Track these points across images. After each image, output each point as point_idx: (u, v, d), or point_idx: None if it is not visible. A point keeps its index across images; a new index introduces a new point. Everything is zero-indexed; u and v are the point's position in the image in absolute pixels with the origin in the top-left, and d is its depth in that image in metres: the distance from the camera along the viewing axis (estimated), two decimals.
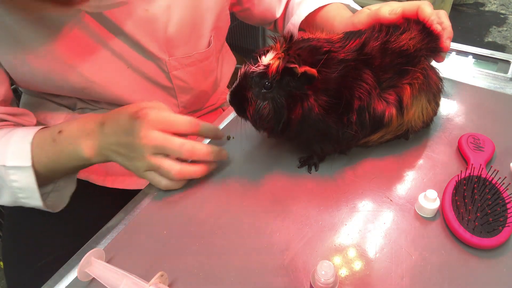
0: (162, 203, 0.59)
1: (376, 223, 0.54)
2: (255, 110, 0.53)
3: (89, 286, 0.49)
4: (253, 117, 0.54)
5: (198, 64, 0.78)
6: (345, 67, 0.53)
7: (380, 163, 0.63)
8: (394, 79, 0.56)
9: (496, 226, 0.49)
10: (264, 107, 0.53)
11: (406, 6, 0.62)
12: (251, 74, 0.52)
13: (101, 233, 0.56)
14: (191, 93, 0.80)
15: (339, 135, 0.56)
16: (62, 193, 0.67)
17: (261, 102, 0.53)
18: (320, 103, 0.52)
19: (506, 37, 2.84)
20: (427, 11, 0.60)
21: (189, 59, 0.75)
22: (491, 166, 0.60)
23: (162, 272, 0.46)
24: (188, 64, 0.76)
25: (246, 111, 0.54)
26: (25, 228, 0.75)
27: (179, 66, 0.75)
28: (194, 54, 0.75)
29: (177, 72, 0.75)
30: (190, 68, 0.77)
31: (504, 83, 0.79)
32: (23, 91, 0.80)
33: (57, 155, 0.59)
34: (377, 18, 0.64)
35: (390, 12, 0.62)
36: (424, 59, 0.59)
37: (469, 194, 0.53)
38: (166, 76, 0.74)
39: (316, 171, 0.62)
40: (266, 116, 0.53)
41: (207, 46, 0.77)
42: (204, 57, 0.78)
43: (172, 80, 0.75)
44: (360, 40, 0.55)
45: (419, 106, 0.59)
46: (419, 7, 0.60)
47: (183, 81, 0.77)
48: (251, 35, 2.25)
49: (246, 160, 0.66)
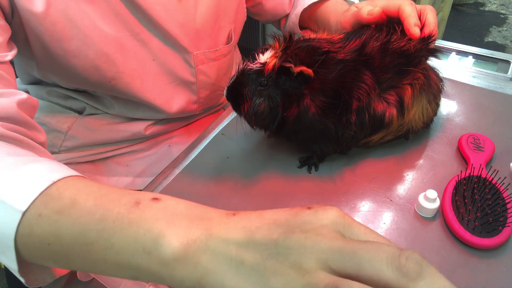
0: None
1: (376, 223, 0.54)
2: (250, 106, 0.53)
3: (89, 286, 0.49)
4: (248, 114, 0.54)
5: (222, 58, 0.78)
6: (343, 68, 0.53)
7: (380, 163, 0.63)
8: (395, 79, 0.56)
9: (496, 226, 0.49)
10: (259, 104, 0.53)
11: (387, 6, 0.61)
12: (248, 71, 0.53)
13: None
14: (211, 88, 0.80)
15: (338, 135, 0.56)
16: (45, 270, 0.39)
17: (257, 99, 0.53)
18: (317, 103, 0.53)
19: (506, 37, 2.84)
20: (407, 11, 0.58)
21: (216, 53, 0.75)
22: (491, 166, 0.60)
23: None
24: (214, 58, 0.75)
25: (241, 107, 0.55)
26: None
27: (206, 60, 0.74)
28: (220, 48, 0.75)
29: (203, 67, 0.74)
30: (215, 62, 0.76)
31: (504, 83, 0.79)
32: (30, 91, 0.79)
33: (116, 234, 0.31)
34: (359, 19, 0.63)
35: (368, 13, 0.61)
36: (425, 60, 0.59)
37: (469, 194, 0.53)
38: (190, 70, 0.74)
39: (316, 171, 0.62)
40: (261, 113, 0.53)
41: (226, 40, 0.78)
42: (227, 51, 0.78)
43: (197, 75, 0.75)
44: (360, 41, 0.55)
45: (419, 107, 0.59)
46: (399, 6, 0.59)
47: (207, 76, 0.77)
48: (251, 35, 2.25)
49: (246, 160, 0.66)
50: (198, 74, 0.75)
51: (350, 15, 0.66)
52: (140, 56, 0.67)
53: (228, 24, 0.76)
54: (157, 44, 0.67)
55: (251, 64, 0.53)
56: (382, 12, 0.61)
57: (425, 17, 0.59)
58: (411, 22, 0.57)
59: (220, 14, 0.73)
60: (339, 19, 0.69)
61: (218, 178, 0.63)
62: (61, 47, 0.59)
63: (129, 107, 0.74)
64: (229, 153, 0.67)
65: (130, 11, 0.62)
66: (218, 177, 0.63)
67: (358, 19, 0.64)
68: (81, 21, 0.58)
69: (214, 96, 0.83)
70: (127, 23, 0.63)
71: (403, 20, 0.58)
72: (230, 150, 0.67)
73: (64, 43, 0.59)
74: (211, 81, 0.78)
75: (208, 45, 0.73)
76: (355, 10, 0.65)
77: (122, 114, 0.75)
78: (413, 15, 0.58)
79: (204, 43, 0.72)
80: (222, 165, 0.65)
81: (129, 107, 0.74)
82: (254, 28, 2.24)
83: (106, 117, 0.76)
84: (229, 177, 0.62)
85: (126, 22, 0.62)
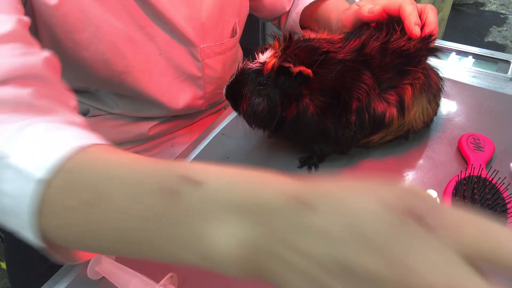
0: None
1: None
2: (249, 105, 0.54)
3: (98, 284, 0.49)
4: (247, 113, 0.54)
5: (228, 52, 0.78)
6: (343, 68, 0.53)
7: (380, 163, 0.63)
8: (395, 79, 0.56)
9: None
10: (258, 104, 0.53)
11: (388, 4, 0.61)
12: (247, 70, 0.53)
13: None
14: (216, 83, 0.79)
15: (338, 135, 0.56)
16: None
17: (256, 98, 0.53)
18: (316, 103, 0.53)
19: (506, 37, 2.84)
20: (407, 10, 0.58)
21: (221, 47, 0.75)
22: (491, 166, 0.60)
23: (172, 273, 0.46)
24: (220, 52, 0.75)
25: (240, 106, 0.55)
26: None
27: (212, 54, 0.74)
28: (226, 41, 0.75)
29: (210, 60, 0.74)
30: (221, 56, 0.76)
31: (504, 83, 0.79)
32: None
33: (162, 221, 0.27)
34: (359, 17, 0.63)
35: (369, 11, 0.61)
36: (425, 59, 0.59)
37: (469, 194, 0.53)
38: (197, 65, 0.73)
39: (316, 171, 0.62)
40: (260, 112, 0.54)
41: (231, 33, 0.78)
42: (233, 44, 0.78)
43: (204, 69, 0.75)
44: (360, 41, 0.55)
45: (420, 107, 0.59)
46: (400, 5, 0.59)
47: (214, 70, 0.76)
48: (251, 35, 2.25)
49: (246, 160, 0.66)
50: (205, 68, 0.74)
51: (351, 13, 0.66)
52: (147, 51, 0.67)
53: (233, 17, 0.76)
54: (163, 38, 0.67)
55: (250, 63, 0.53)
56: (383, 11, 0.61)
57: (425, 16, 0.59)
58: (412, 20, 0.57)
59: (225, 7, 0.73)
60: (340, 17, 0.69)
61: None
62: (72, 39, 0.59)
63: (133, 105, 0.74)
64: (229, 153, 0.67)
65: (137, 3, 0.62)
66: None
67: (359, 17, 0.64)
68: (93, 12, 0.58)
69: (219, 92, 0.84)
70: (134, 17, 0.62)
71: (403, 18, 0.58)
72: (230, 150, 0.67)
73: (75, 35, 0.58)
74: (217, 75, 0.78)
75: (214, 39, 0.73)
76: (356, 8, 0.65)
77: (126, 112, 0.75)
78: (414, 14, 0.58)
79: (210, 36, 0.72)
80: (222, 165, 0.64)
81: (133, 104, 0.74)
82: (254, 28, 2.23)
83: (110, 119, 0.76)
84: None
85: (133, 15, 0.62)
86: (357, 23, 0.65)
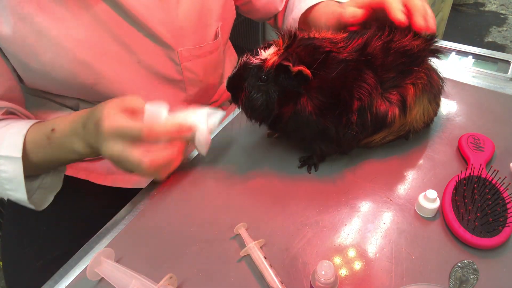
0: (164, 202, 0.59)
1: (376, 223, 0.54)
2: (248, 99, 0.55)
3: (97, 286, 0.49)
4: (245, 106, 0.56)
5: (208, 55, 0.78)
6: (345, 68, 0.53)
7: (380, 163, 0.63)
8: (397, 79, 0.56)
9: (496, 226, 0.49)
10: (256, 99, 0.54)
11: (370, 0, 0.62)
12: (249, 65, 0.54)
13: (101, 233, 0.56)
14: (200, 85, 0.80)
15: (339, 135, 0.56)
16: (47, 191, 0.67)
17: (255, 94, 0.54)
18: (315, 103, 0.53)
19: (506, 37, 2.84)
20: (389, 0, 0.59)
21: (200, 50, 0.75)
22: (491, 166, 0.60)
23: (171, 274, 0.46)
24: (199, 55, 0.75)
25: (240, 99, 0.56)
26: (25, 228, 0.74)
27: (190, 57, 0.74)
28: (205, 44, 0.75)
29: (188, 64, 0.74)
30: (201, 59, 0.76)
31: (504, 83, 0.79)
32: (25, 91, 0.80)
33: (53, 151, 0.59)
34: (343, 22, 0.64)
35: (351, 17, 0.63)
36: (427, 59, 0.59)
37: (469, 194, 0.53)
38: (176, 68, 0.74)
39: (316, 171, 0.62)
40: (258, 107, 0.55)
41: (214, 37, 0.78)
42: (214, 48, 0.78)
43: (183, 72, 0.75)
44: (363, 40, 0.55)
45: (421, 107, 0.59)
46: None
47: (194, 73, 0.77)
48: (251, 35, 2.25)
49: (246, 160, 0.66)
50: (184, 71, 0.75)
51: (334, 17, 0.67)
52: (123, 59, 0.67)
53: (215, 21, 0.76)
54: (140, 44, 0.67)
55: (253, 58, 0.54)
56: (366, 11, 0.62)
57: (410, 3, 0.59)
58: (394, 7, 0.58)
59: (204, 11, 0.73)
60: (327, 21, 0.71)
61: (218, 178, 0.63)
62: (37, 61, 0.60)
63: None
64: (229, 153, 0.67)
65: (113, 11, 0.62)
66: (217, 177, 0.63)
67: (342, 22, 0.64)
68: (52, 31, 0.59)
69: (204, 94, 0.84)
70: (108, 27, 0.63)
71: (386, 9, 0.59)
72: (230, 149, 0.67)
73: (39, 57, 0.60)
74: (199, 78, 0.78)
75: (193, 42, 0.73)
76: (339, 11, 0.66)
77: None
78: (396, 1, 0.58)
79: (189, 40, 0.72)
80: (222, 165, 0.65)
81: None
82: (254, 28, 2.24)
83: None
84: (229, 177, 0.62)
85: (107, 26, 0.63)
86: (341, 26, 0.66)
